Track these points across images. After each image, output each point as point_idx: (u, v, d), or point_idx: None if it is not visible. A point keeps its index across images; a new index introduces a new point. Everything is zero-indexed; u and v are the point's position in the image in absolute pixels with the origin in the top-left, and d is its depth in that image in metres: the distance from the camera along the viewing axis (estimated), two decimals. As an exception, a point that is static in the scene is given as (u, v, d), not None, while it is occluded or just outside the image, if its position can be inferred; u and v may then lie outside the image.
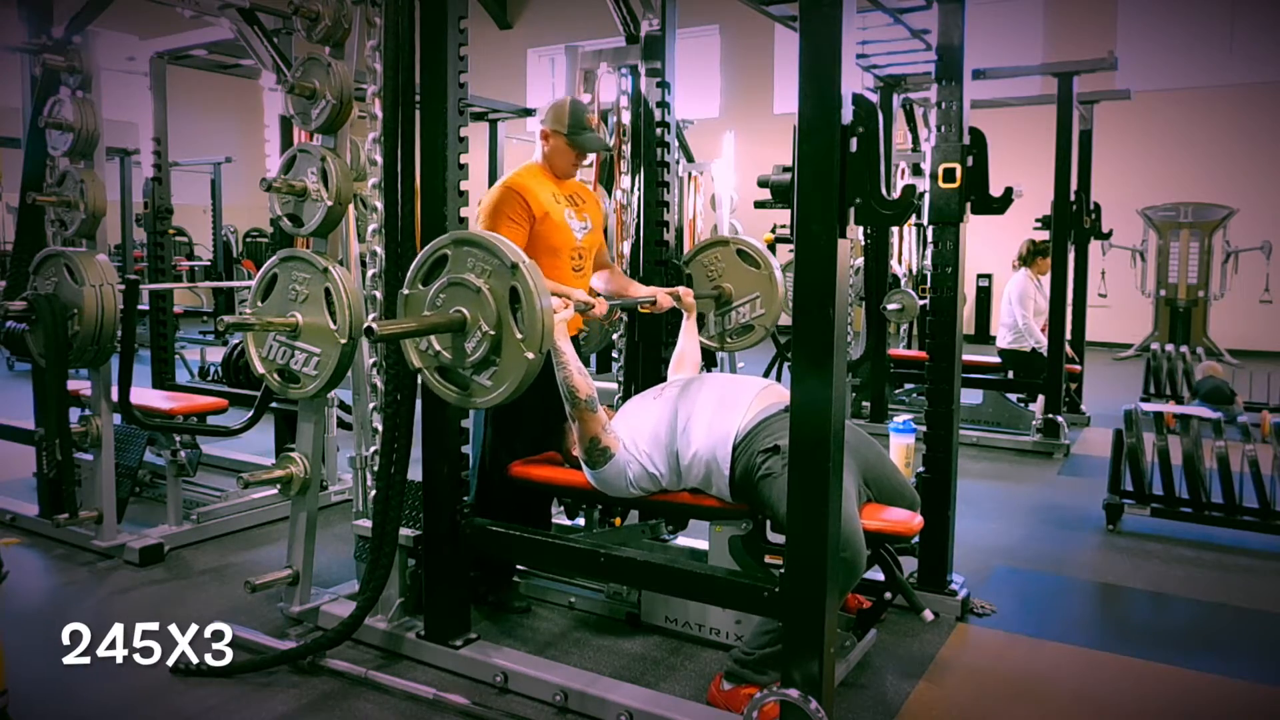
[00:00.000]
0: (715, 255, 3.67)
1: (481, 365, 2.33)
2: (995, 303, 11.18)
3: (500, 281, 2.28)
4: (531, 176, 3.09)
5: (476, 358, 2.31)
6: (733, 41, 13.75)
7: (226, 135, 13.43)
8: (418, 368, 2.44)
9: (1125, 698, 2.65)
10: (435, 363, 2.41)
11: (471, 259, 2.33)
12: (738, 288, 3.62)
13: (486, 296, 2.28)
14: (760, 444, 2.50)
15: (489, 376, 2.34)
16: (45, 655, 2.79)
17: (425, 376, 2.44)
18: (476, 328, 2.30)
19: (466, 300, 2.32)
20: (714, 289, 3.64)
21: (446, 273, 2.36)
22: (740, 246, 3.65)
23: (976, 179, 2.96)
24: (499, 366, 2.31)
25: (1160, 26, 11.51)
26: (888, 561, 2.60)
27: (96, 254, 3.47)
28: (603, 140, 3.29)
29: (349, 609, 2.72)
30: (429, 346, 2.40)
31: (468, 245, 2.35)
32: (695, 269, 3.72)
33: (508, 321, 2.27)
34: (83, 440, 3.56)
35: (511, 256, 2.26)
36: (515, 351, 2.27)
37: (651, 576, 2.51)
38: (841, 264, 1.97)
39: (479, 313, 2.30)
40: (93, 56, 3.57)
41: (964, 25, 3.09)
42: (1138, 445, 4.13)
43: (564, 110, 3.07)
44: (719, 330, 3.69)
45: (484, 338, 2.29)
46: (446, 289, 2.35)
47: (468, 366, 2.35)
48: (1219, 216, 10.35)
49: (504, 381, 2.31)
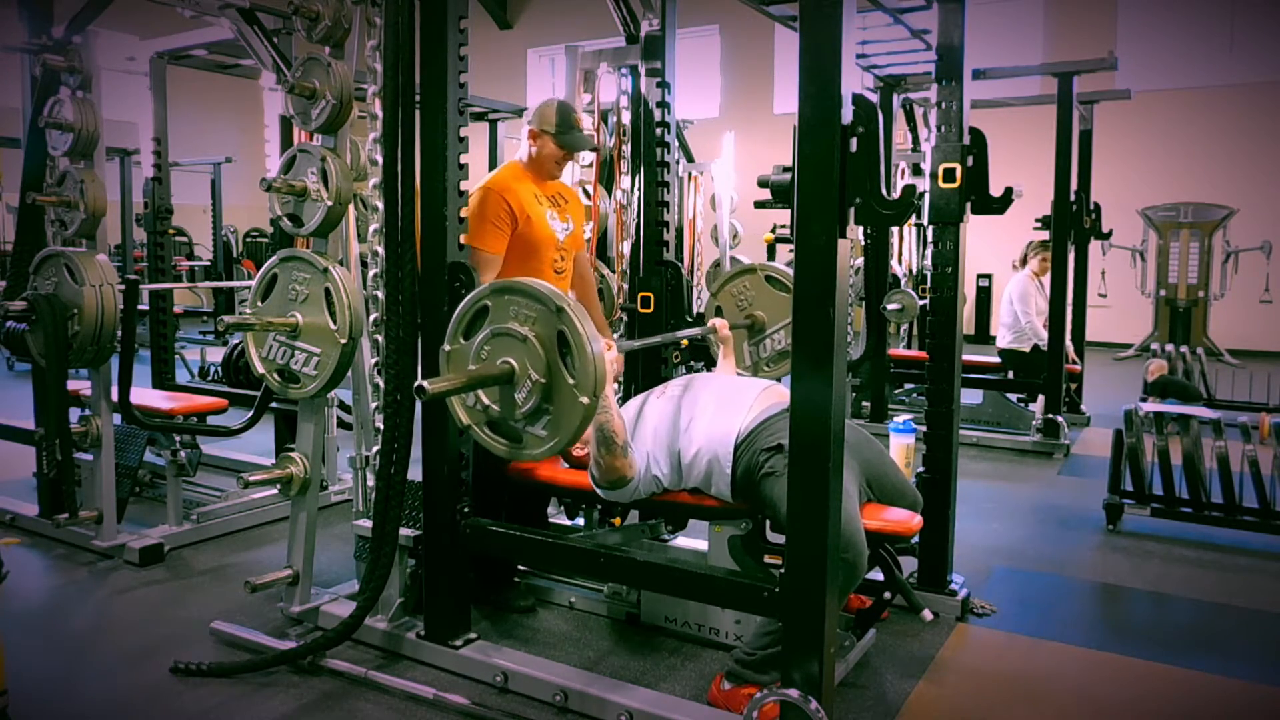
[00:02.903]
0: (744, 284, 3.58)
1: (534, 415, 2.25)
2: (995, 303, 11.17)
3: (546, 327, 2.22)
4: (512, 177, 3.10)
5: (528, 408, 2.24)
6: (733, 41, 13.75)
7: (226, 135, 13.43)
8: (466, 425, 2.38)
9: (1125, 698, 2.65)
10: (484, 417, 2.34)
11: (514, 307, 2.26)
12: (770, 314, 3.54)
13: (534, 344, 2.22)
14: (763, 443, 2.50)
15: (543, 426, 2.26)
16: (45, 655, 2.80)
17: (475, 433, 2.38)
18: (526, 377, 2.23)
19: (513, 350, 2.25)
20: (746, 318, 3.56)
21: (489, 324, 2.30)
22: (768, 273, 3.56)
23: (976, 179, 2.96)
24: (553, 415, 2.24)
25: (1160, 26, 11.50)
26: (888, 561, 2.60)
27: (96, 254, 3.48)
28: (590, 140, 3.29)
29: (349, 609, 2.72)
30: (476, 402, 2.34)
31: (509, 293, 2.28)
32: (724, 299, 3.61)
33: (558, 367, 2.20)
34: (83, 440, 3.56)
35: (556, 301, 2.19)
36: (569, 398, 2.20)
37: (651, 576, 2.51)
38: (841, 264, 1.97)
39: (527, 361, 2.23)
40: (93, 56, 3.57)
41: (964, 25, 3.09)
42: (1138, 445, 4.13)
43: (551, 110, 3.08)
44: (754, 360, 3.58)
45: (535, 387, 2.22)
46: (491, 340, 2.28)
47: (519, 418, 2.27)
48: (1219, 216, 10.35)
49: (559, 429, 2.24)
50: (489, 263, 2.96)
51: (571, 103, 3.40)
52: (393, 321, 2.67)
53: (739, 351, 3.52)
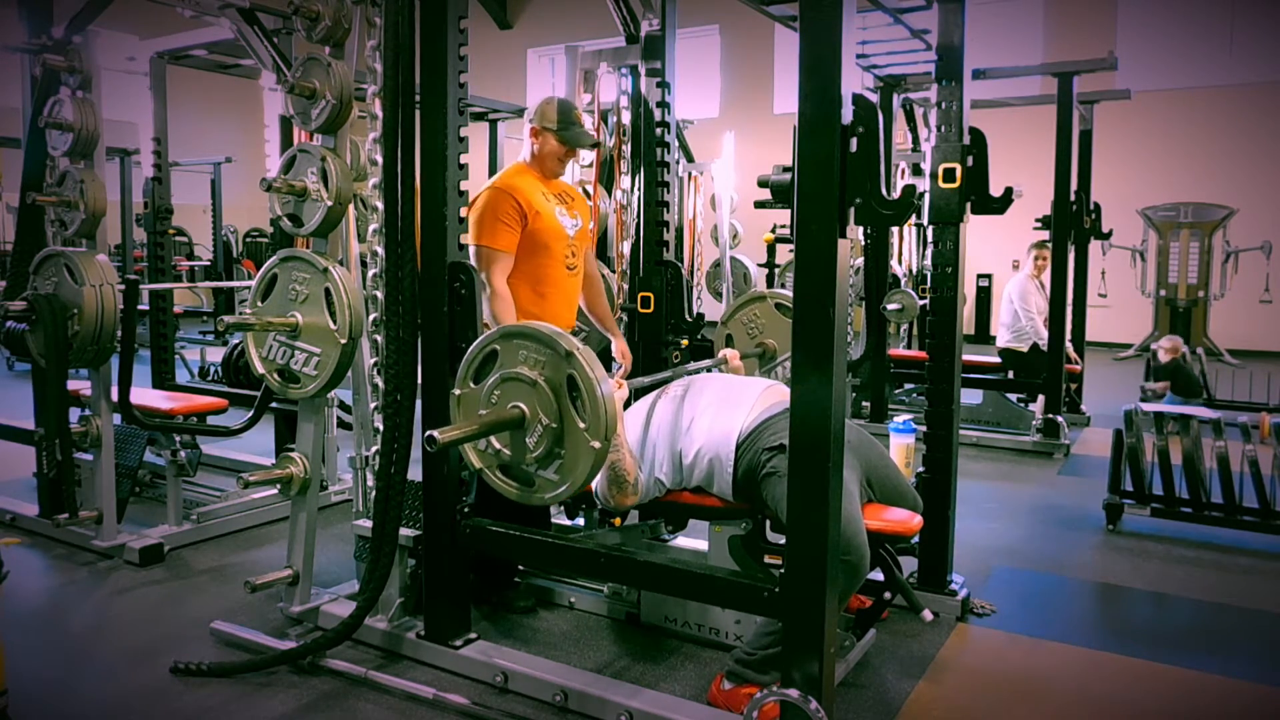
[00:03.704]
0: (754, 312, 3.57)
1: (546, 459, 2.26)
2: (995, 303, 11.17)
3: (555, 372, 2.23)
4: (519, 176, 3.09)
5: (539, 453, 2.25)
6: (733, 41, 13.76)
7: (226, 135, 13.43)
8: (479, 469, 2.38)
9: (1125, 698, 2.65)
10: (496, 461, 2.35)
11: (523, 351, 2.27)
12: (780, 342, 3.51)
13: (543, 388, 2.22)
14: (765, 442, 2.50)
15: (555, 470, 2.27)
16: (45, 655, 2.80)
17: (487, 476, 2.38)
18: (536, 422, 2.24)
19: (522, 395, 2.26)
20: (757, 346, 3.55)
21: (498, 368, 2.31)
22: (778, 300, 3.55)
23: (976, 179, 2.96)
24: (564, 459, 2.25)
25: (1160, 26, 11.51)
26: (888, 561, 2.60)
27: (96, 254, 3.48)
28: (591, 135, 3.29)
29: (349, 609, 2.72)
30: (488, 446, 2.35)
31: (517, 338, 2.30)
32: (735, 328, 3.61)
33: (569, 412, 2.21)
34: (83, 440, 3.56)
35: (565, 345, 2.20)
36: (580, 442, 2.21)
37: (652, 576, 2.51)
38: (841, 264, 1.97)
39: (537, 406, 2.24)
40: (93, 56, 3.57)
41: (964, 25, 3.09)
42: (1138, 445, 4.13)
43: (551, 107, 3.08)
44: None
45: (546, 431, 2.23)
46: (500, 385, 2.29)
47: (531, 462, 2.28)
48: (1219, 216, 10.35)
49: (570, 474, 2.24)
50: (500, 260, 2.95)
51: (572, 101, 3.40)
52: (393, 321, 2.66)
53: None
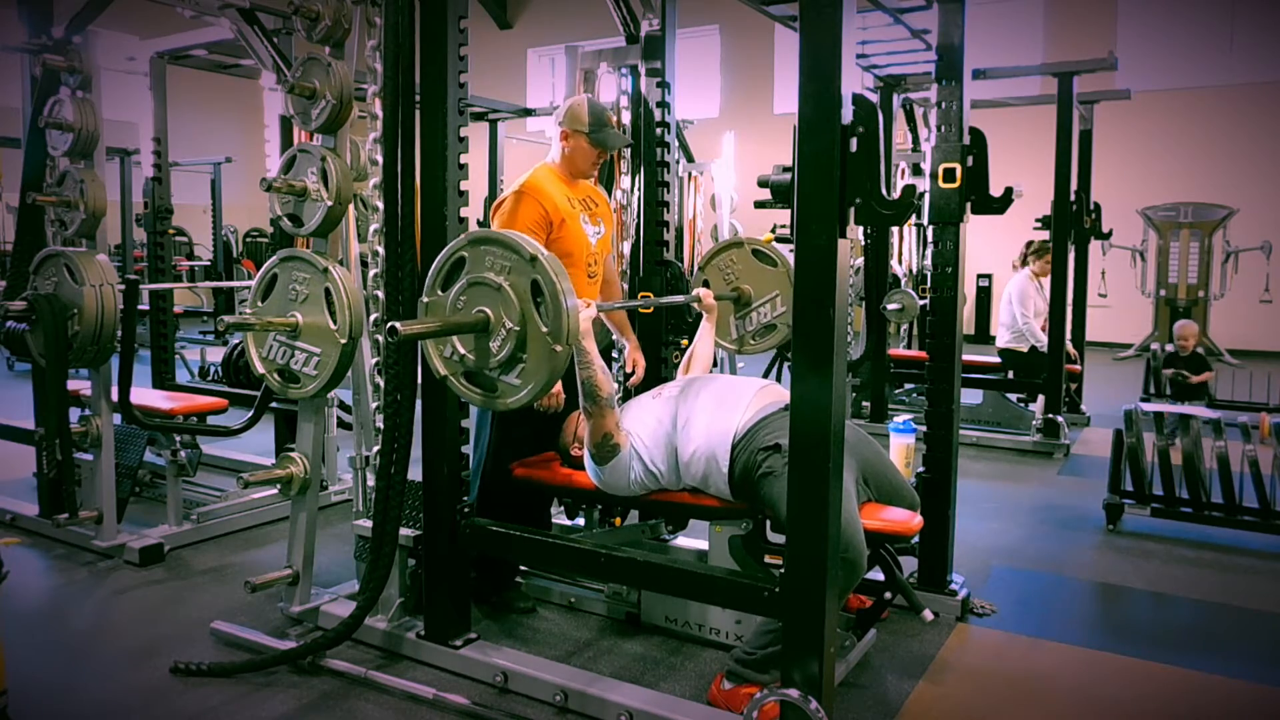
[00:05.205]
0: (731, 258, 3.59)
1: (508, 364, 2.29)
2: (995, 303, 11.17)
3: (521, 277, 2.25)
4: (547, 179, 3.06)
5: (502, 356, 2.28)
6: (733, 41, 13.76)
7: (226, 135, 13.44)
8: (444, 375, 2.40)
9: (1125, 698, 2.65)
10: (460, 368, 2.38)
11: (490, 257, 2.30)
12: (756, 288, 3.55)
13: (508, 292, 2.25)
14: (760, 442, 2.50)
15: (517, 375, 2.30)
16: (45, 655, 2.80)
17: (452, 383, 2.40)
18: (501, 326, 2.27)
19: (488, 299, 2.29)
20: (733, 290, 3.58)
21: (465, 274, 2.33)
22: (755, 246, 3.56)
23: (976, 179, 2.96)
24: (526, 364, 2.28)
25: (1160, 26, 11.51)
26: (887, 561, 2.60)
27: (96, 254, 3.48)
28: (624, 137, 3.27)
29: (349, 609, 2.72)
30: (453, 352, 2.37)
31: (484, 244, 2.32)
32: (711, 273, 3.63)
33: (531, 316, 2.24)
34: (83, 440, 3.56)
35: (530, 249, 2.23)
36: (542, 346, 2.24)
37: (651, 576, 2.51)
38: (841, 264, 1.97)
39: (502, 310, 2.27)
40: (93, 56, 3.57)
41: (964, 25, 3.09)
42: (1138, 445, 4.13)
43: (583, 109, 3.05)
44: (739, 334, 3.60)
45: (509, 335, 2.26)
46: (466, 290, 2.32)
47: (494, 367, 2.31)
48: (1219, 216, 10.35)
49: (532, 378, 2.27)
50: None
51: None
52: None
53: (725, 324, 3.53)
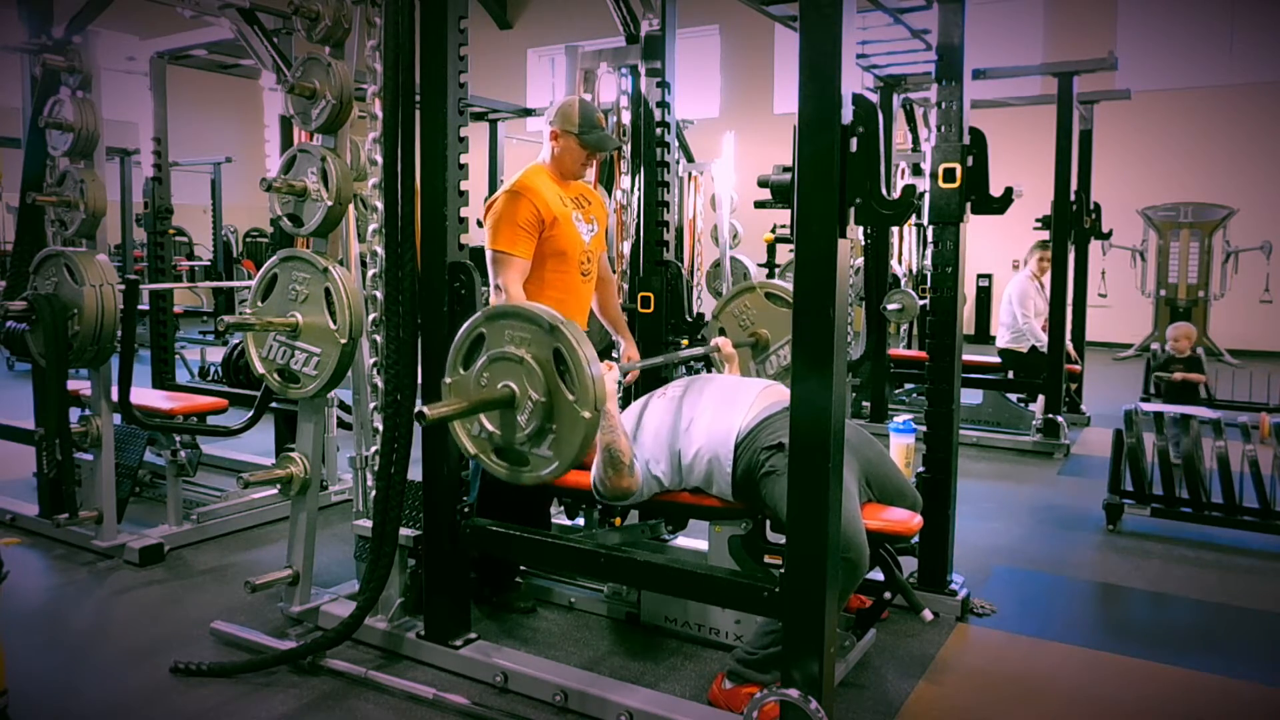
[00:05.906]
0: (745, 303, 3.55)
1: (538, 436, 2.28)
2: (995, 303, 11.17)
3: (542, 348, 2.25)
4: (539, 179, 3.06)
5: (531, 429, 2.27)
6: (733, 41, 13.76)
7: (226, 135, 13.44)
8: (474, 454, 2.40)
9: (1125, 698, 2.65)
10: (490, 444, 2.37)
11: (509, 330, 2.30)
12: (773, 331, 3.50)
13: (531, 365, 2.25)
14: (763, 441, 2.50)
15: (548, 446, 2.28)
16: (45, 655, 2.80)
17: (483, 460, 2.41)
18: (527, 399, 2.26)
19: (511, 373, 2.28)
20: (750, 336, 3.53)
21: (486, 350, 2.33)
22: (768, 290, 3.53)
23: (976, 179, 2.96)
24: (556, 433, 2.26)
25: (1160, 26, 11.51)
26: (888, 561, 2.60)
27: (96, 254, 3.48)
28: (615, 138, 3.27)
29: (349, 609, 2.72)
30: (481, 429, 2.37)
31: (502, 318, 2.32)
32: (726, 320, 3.59)
33: (557, 386, 2.23)
34: (83, 440, 3.56)
35: (548, 319, 2.23)
36: (571, 414, 2.22)
37: (652, 576, 2.51)
38: (841, 264, 1.97)
39: (527, 383, 2.26)
40: (93, 56, 3.57)
41: (964, 25, 3.09)
42: (1138, 445, 4.13)
43: (574, 109, 3.05)
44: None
45: (536, 407, 2.25)
46: (489, 366, 2.31)
47: (524, 440, 2.30)
48: (1219, 216, 10.35)
49: (564, 446, 2.26)
50: (516, 267, 2.94)
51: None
52: (393, 321, 2.67)
53: (745, 370, 3.50)
